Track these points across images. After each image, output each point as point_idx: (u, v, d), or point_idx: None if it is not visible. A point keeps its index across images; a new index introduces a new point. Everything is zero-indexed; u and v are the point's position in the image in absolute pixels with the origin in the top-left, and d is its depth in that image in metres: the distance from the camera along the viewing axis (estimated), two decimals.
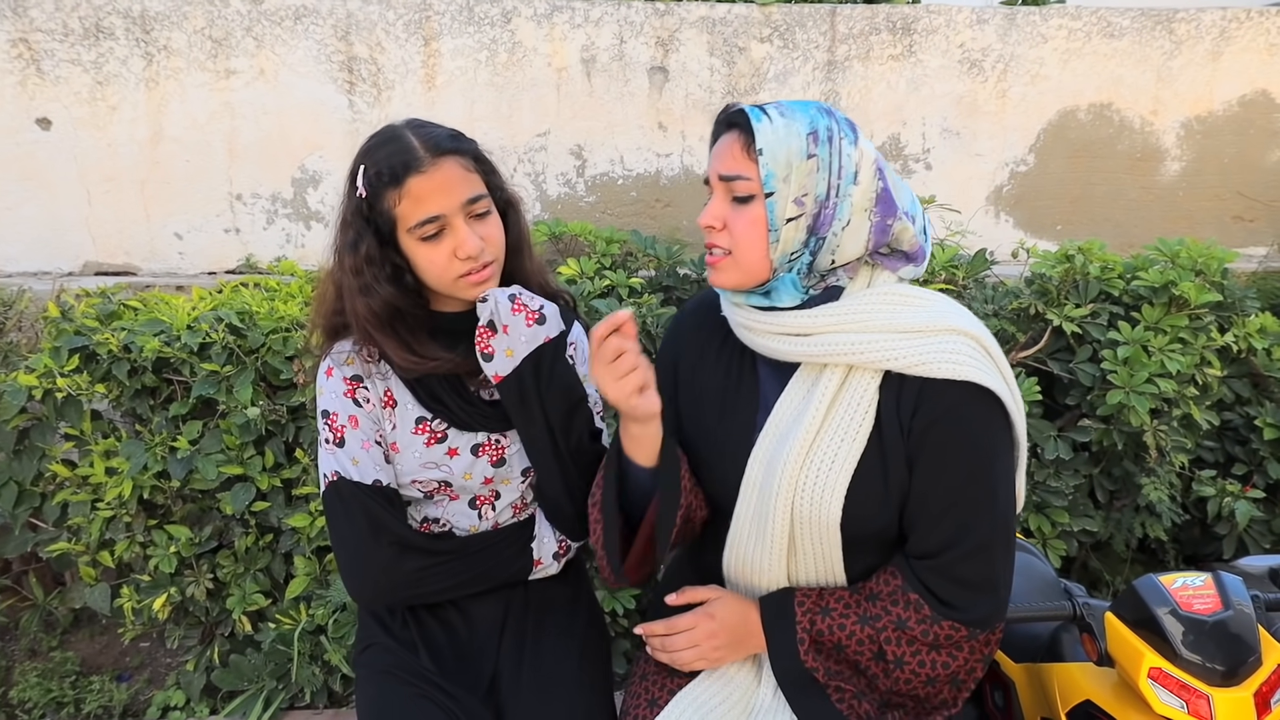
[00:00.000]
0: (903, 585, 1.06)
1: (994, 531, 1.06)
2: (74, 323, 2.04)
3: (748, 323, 1.10)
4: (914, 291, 1.09)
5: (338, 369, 1.18)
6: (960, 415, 1.03)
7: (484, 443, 1.23)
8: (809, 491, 1.06)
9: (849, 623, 1.07)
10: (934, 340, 1.03)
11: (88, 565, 2.09)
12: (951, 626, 1.05)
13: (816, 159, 1.02)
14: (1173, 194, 3.02)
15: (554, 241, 2.70)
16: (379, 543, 1.14)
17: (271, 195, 2.84)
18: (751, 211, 1.04)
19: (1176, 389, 2.14)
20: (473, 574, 1.21)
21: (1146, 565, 2.54)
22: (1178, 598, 1.23)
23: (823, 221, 1.04)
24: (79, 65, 2.70)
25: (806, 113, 1.04)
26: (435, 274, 1.12)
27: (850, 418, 1.05)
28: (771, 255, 1.05)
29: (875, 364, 1.04)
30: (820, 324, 1.05)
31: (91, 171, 2.78)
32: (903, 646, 1.06)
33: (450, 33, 2.76)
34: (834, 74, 2.85)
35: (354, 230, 1.12)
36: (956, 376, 1.01)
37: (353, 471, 1.15)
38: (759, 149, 1.02)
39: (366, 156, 1.13)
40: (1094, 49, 2.88)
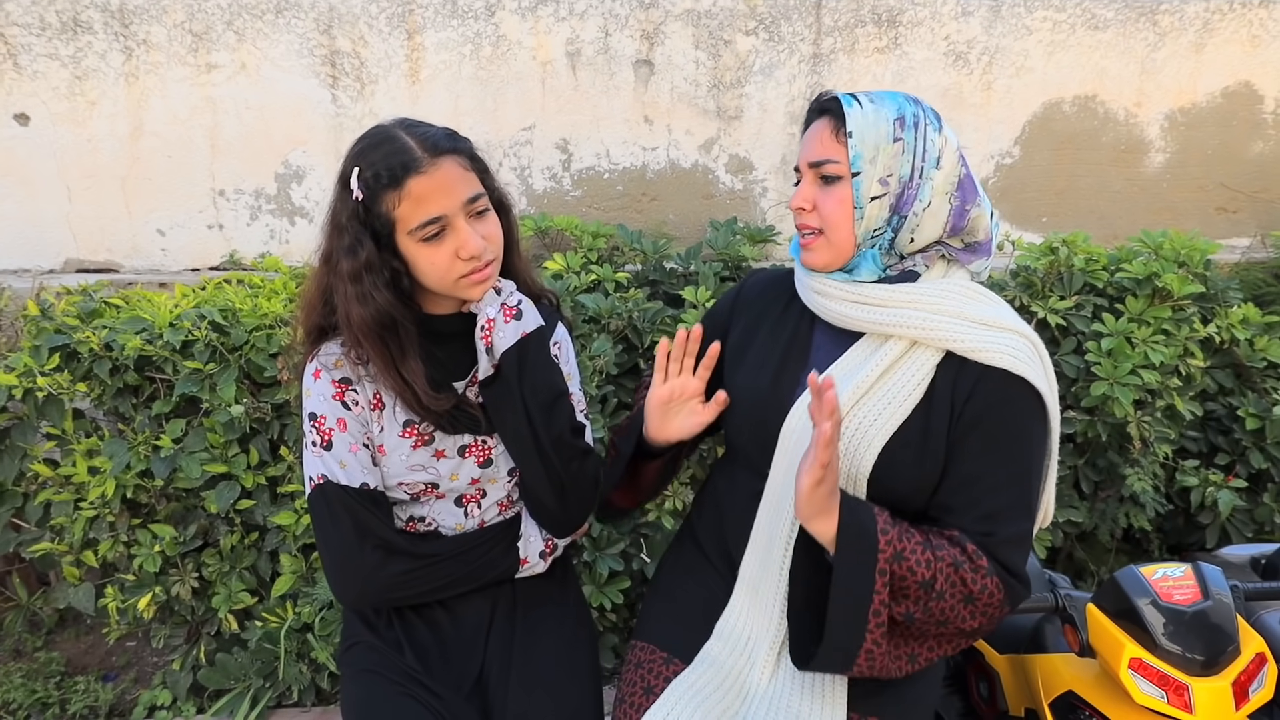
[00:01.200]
0: (962, 536, 1.08)
1: (1025, 527, 1.09)
2: (54, 321, 2.02)
3: (824, 289, 1.16)
4: (985, 291, 1.15)
5: (326, 372, 1.17)
6: (1015, 409, 1.09)
7: (471, 444, 1.22)
8: (847, 439, 1.10)
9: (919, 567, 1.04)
10: (998, 334, 1.09)
11: (71, 565, 2.08)
12: (996, 585, 1.06)
13: (902, 142, 1.09)
14: (1157, 185, 3.03)
15: (540, 236, 2.69)
16: (365, 546, 1.14)
17: (255, 191, 2.82)
18: (839, 191, 1.11)
19: (1160, 380, 2.15)
20: (459, 575, 1.21)
21: (1131, 555, 2.56)
22: (1158, 589, 1.24)
23: (905, 201, 1.10)
24: (57, 60, 2.67)
25: (895, 100, 1.11)
26: (437, 275, 1.11)
27: (902, 386, 1.10)
28: (856, 230, 1.11)
29: (940, 342, 1.09)
30: (897, 298, 1.11)
31: (72, 168, 2.75)
32: (947, 585, 1.05)
33: (434, 26, 2.74)
34: (819, 67, 2.85)
35: (350, 235, 1.10)
36: (1015, 370, 1.07)
37: (340, 475, 1.15)
38: (849, 132, 1.08)
39: (360, 158, 1.10)
40: (1078, 41, 2.88)
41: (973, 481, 1.09)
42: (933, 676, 1.25)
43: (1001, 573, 1.07)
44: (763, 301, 1.29)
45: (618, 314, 2.23)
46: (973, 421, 1.08)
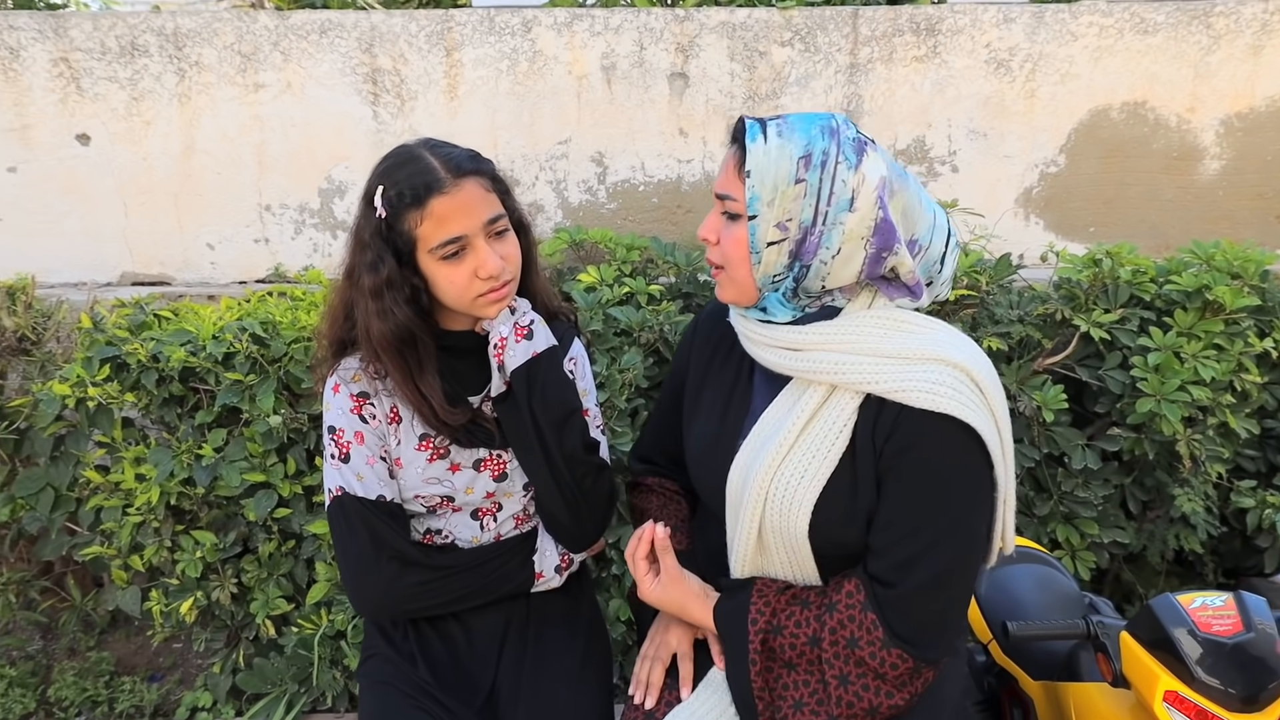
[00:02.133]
0: (863, 603, 1.04)
1: (951, 570, 1.03)
2: (105, 333, 2.11)
3: (747, 332, 1.12)
4: (911, 317, 1.07)
5: (344, 385, 1.20)
6: (931, 447, 1.01)
7: (486, 458, 1.24)
8: (778, 502, 1.06)
9: (799, 643, 1.07)
10: (918, 368, 1.01)
11: (119, 569, 2.16)
12: (899, 656, 1.02)
13: (805, 184, 1.00)
14: (1212, 193, 2.92)
15: (575, 249, 2.71)
16: (380, 557, 1.16)
17: (299, 206, 2.89)
18: (738, 230, 1.05)
19: (1211, 396, 2.07)
20: (474, 588, 1.22)
21: (1183, 579, 2.46)
22: (1196, 618, 1.19)
23: (807, 249, 1.02)
24: (116, 82, 2.79)
25: (807, 134, 1.02)
26: (455, 293, 1.14)
27: (825, 435, 1.04)
28: (754, 275, 1.05)
29: (856, 385, 1.02)
30: (809, 340, 1.05)
31: (128, 185, 2.86)
32: (849, 666, 1.04)
33: (471, 43, 2.79)
34: (856, 77, 2.82)
35: (373, 252, 1.12)
36: (933, 408, 0.99)
37: (357, 487, 1.17)
38: (747, 170, 1.01)
39: (385, 177, 1.13)
40: (1126, 46, 2.80)
41: (887, 526, 1.04)
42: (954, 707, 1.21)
43: (903, 640, 1.02)
44: (713, 341, 1.24)
45: (649, 326, 2.23)
46: (890, 464, 1.02)
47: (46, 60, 2.77)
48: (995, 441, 1.03)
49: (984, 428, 1.00)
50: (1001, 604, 1.64)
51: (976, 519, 1.06)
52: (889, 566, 1.03)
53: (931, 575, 1.02)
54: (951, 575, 1.03)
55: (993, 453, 1.02)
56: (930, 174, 2.90)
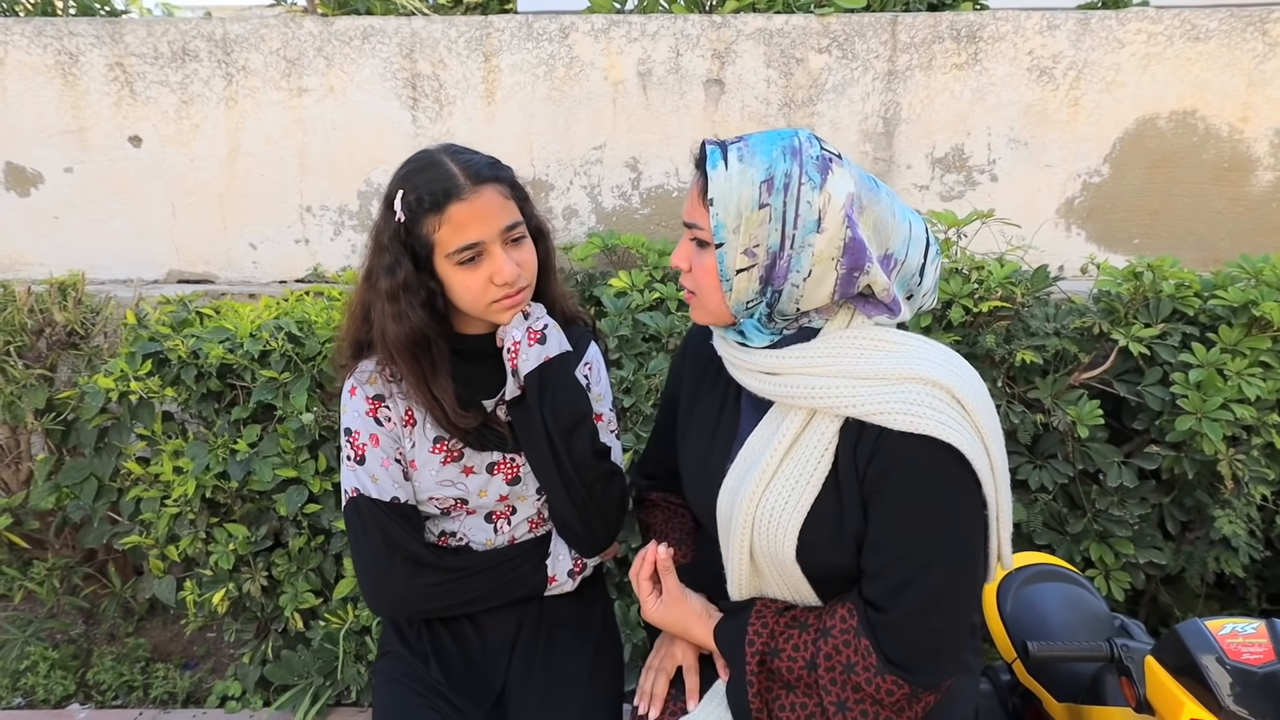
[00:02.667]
0: (856, 628, 1.03)
1: (942, 593, 1.00)
2: (148, 329, 2.17)
3: (728, 357, 1.12)
4: (889, 335, 1.04)
5: (360, 388, 1.22)
6: (913, 469, 0.98)
7: (499, 461, 1.25)
8: (764, 528, 1.05)
9: (796, 666, 1.06)
10: (896, 389, 0.99)
11: (156, 558, 2.22)
12: (894, 683, 1.00)
13: (769, 209, 0.98)
14: (1265, 205, 2.82)
15: (607, 253, 2.72)
16: (395, 558, 1.18)
17: (339, 207, 2.96)
18: (707, 258, 1.04)
19: (1257, 416, 2.00)
20: (487, 590, 1.23)
21: (1224, 603, 2.38)
22: (1225, 645, 1.15)
23: (778, 274, 1.01)
24: (167, 86, 2.88)
25: (768, 156, 1.00)
26: (470, 299, 1.15)
27: (807, 461, 1.03)
28: (727, 302, 1.04)
29: (833, 409, 1.01)
30: (786, 365, 1.04)
31: (176, 185, 2.95)
32: (846, 692, 1.02)
33: (509, 49, 2.82)
34: (894, 84, 2.79)
35: (391, 255, 1.14)
36: (912, 429, 0.96)
37: (371, 489, 1.19)
38: (710, 198, 1.00)
39: (405, 182, 1.15)
40: (1176, 53, 2.72)
41: (876, 550, 1.02)
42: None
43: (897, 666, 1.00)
44: (703, 359, 1.23)
45: (676, 332, 2.24)
46: (874, 487, 1.00)
47: (103, 65, 2.87)
48: (981, 459, 1.00)
49: (967, 446, 0.98)
50: (1027, 622, 1.60)
51: (966, 539, 1.03)
52: (881, 591, 1.02)
53: (923, 599, 1.00)
54: (943, 598, 1.01)
55: (979, 471, 1.00)
56: (969, 183, 2.85)
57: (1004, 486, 1.06)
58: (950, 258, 2.25)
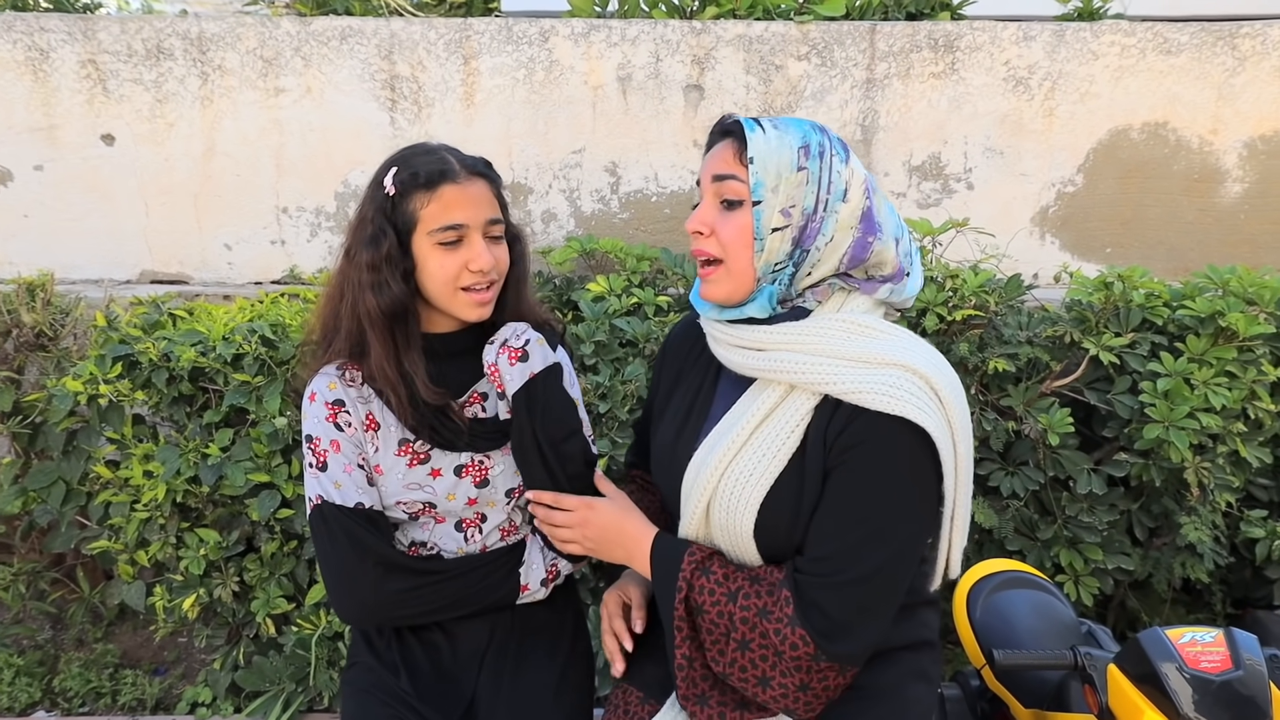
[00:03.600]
0: (780, 581, 1.05)
1: (878, 570, 1.01)
2: (119, 332, 2.15)
3: (714, 333, 1.14)
4: (876, 324, 1.07)
5: (320, 394, 1.21)
6: (881, 446, 1.01)
7: (467, 464, 1.25)
8: (724, 501, 1.07)
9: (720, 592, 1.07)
10: (877, 372, 1.02)
11: (126, 563, 2.19)
12: (801, 638, 1.01)
13: (806, 172, 1.04)
14: (1233, 217, 2.87)
15: (585, 258, 2.72)
16: (364, 564, 1.17)
17: (315, 209, 2.93)
18: (739, 218, 1.06)
19: (1222, 424, 2.03)
20: (459, 596, 1.23)
21: (1190, 607, 2.42)
22: (1184, 653, 1.17)
23: (808, 235, 1.06)
24: (141, 84, 2.85)
25: (800, 128, 1.07)
26: (442, 280, 1.17)
27: (776, 435, 1.05)
28: (756, 263, 1.06)
29: (813, 386, 1.03)
30: (773, 340, 1.07)
31: (150, 185, 2.91)
32: (754, 634, 1.03)
33: (489, 51, 2.81)
34: (872, 92, 2.81)
35: (374, 226, 1.16)
36: (889, 410, 0.99)
37: (335, 495, 1.18)
38: (750, 157, 1.04)
39: (400, 161, 1.19)
40: (1149, 66, 2.76)
41: (824, 516, 1.03)
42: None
43: (811, 624, 1.01)
44: (682, 351, 1.26)
45: (653, 338, 2.24)
46: (837, 459, 1.02)
47: (75, 61, 2.83)
48: (949, 451, 1.02)
49: (938, 434, 1.00)
50: (996, 629, 1.62)
51: (915, 527, 1.04)
52: (810, 558, 1.03)
53: (850, 576, 1.01)
54: (875, 578, 1.01)
55: (944, 461, 1.02)
56: (945, 191, 2.88)
57: (965, 490, 1.07)
58: (925, 266, 2.27)
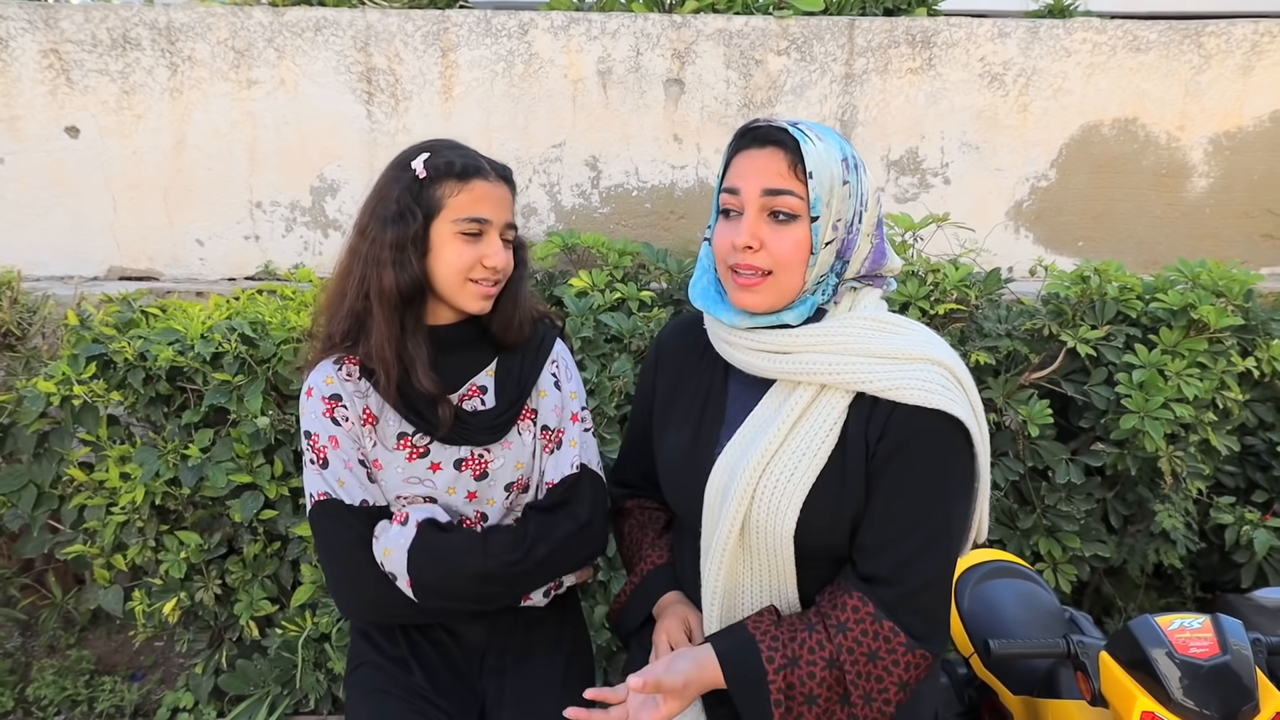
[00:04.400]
0: (874, 613, 1.03)
1: (945, 562, 1.06)
2: (92, 331, 2.09)
3: (729, 338, 1.13)
4: (893, 319, 1.10)
5: (317, 389, 1.21)
6: (927, 443, 1.04)
7: (466, 457, 1.25)
8: (765, 502, 1.06)
9: (818, 670, 1.03)
10: (909, 367, 1.04)
11: (102, 568, 2.14)
12: (922, 655, 1.04)
13: (849, 185, 1.06)
14: (1199, 211, 2.95)
15: (567, 253, 2.71)
16: (369, 562, 1.16)
17: (290, 203, 2.88)
18: (795, 232, 1.05)
19: (1194, 414, 2.09)
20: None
21: (1162, 592, 2.49)
22: (1174, 640, 1.20)
23: (849, 246, 1.09)
24: (107, 75, 2.77)
25: (835, 138, 1.08)
26: (455, 269, 1.19)
27: (814, 434, 1.06)
28: (807, 277, 1.07)
29: (848, 385, 1.05)
30: (800, 343, 1.07)
31: (117, 179, 2.84)
32: (871, 683, 1.03)
33: (468, 44, 2.78)
34: (851, 87, 2.83)
35: (400, 205, 1.17)
36: (926, 404, 1.02)
37: (340, 492, 1.18)
38: (809, 171, 1.03)
39: (431, 150, 1.21)
40: (1119, 63, 2.82)
41: (886, 522, 1.05)
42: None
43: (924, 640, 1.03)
44: (680, 354, 1.25)
45: (640, 334, 2.24)
46: (886, 459, 1.04)
47: (36, 51, 2.74)
48: (978, 435, 1.07)
49: (968, 421, 1.05)
50: (984, 618, 1.65)
51: (965, 511, 1.11)
52: (891, 565, 1.04)
53: (934, 570, 1.04)
54: (949, 569, 1.06)
55: (975, 443, 1.07)
56: (923, 185, 2.92)
57: (987, 464, 1.12)
58: (907, 260, 2.29)
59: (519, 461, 1.28)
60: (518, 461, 1.28)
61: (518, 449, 1.27)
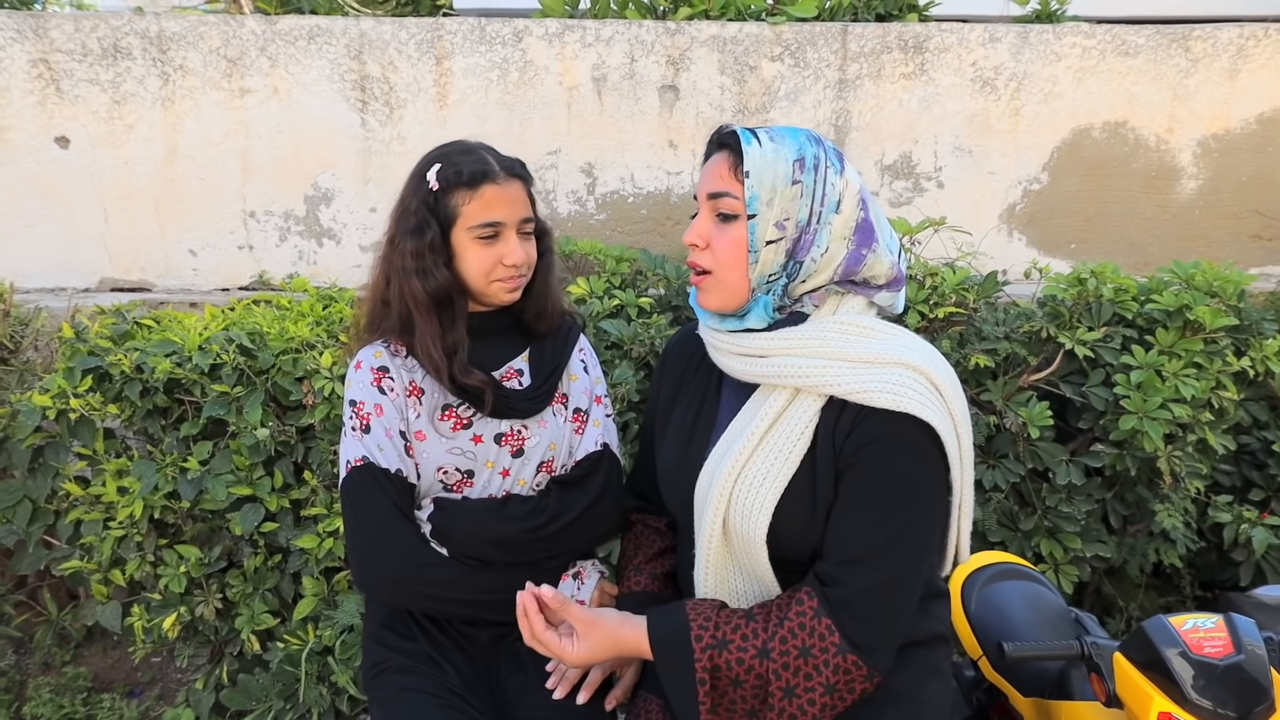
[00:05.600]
0: (816, 609, 1.03)
1: (901, 570, 1.03)
2: (88, 343, 2.07)
3: (714, 341, 1.15)
4: (874, 324, 1.10)
5: (366, 362, 1.28)
6: (891, 444, 1.03)
7: (507, 432, 1.32)
8: (739, 507, 1.07)
9: (747, 657, 1.03)
10: (880, 371, 1.04)
11: (99, 583, 2.11)
12: (854, 663, 1.01)
13: (801, 185, 1.05)
14: (1189, 212, 2.98)
15: (564, 260, 2.70)
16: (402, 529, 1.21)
17: (284, 213, 2.86)
18: (734, 232, 1.07)
19: (1191, 414, 2.11)
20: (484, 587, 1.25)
21: (1161, 591, 2.51)
22: (1188, 640, 1.21)
23: (802, 246, 1.07)
24: (97, 85, 2.74)
25: (796, 140, 1.07)
26: (479, 270, 1.26)
27: (787, 439, 1.06)
28: (750, 275, 1.07)
29: (818, 388, 1.05)
30: (775, 346, 1.08)
31: (108, 189, 2.81)
32: (797, 678, 1.01)
33: (462, 51, 2.77)
34: (845, 92, 2.84)
35: (418, 218, 1.24)
36: (895, 407, 1.01)
37: (379, 457, 1.22)
38: (746, 171, 1.05)
39: (443, 159, 1.27)
40: (1108, 67, 2.85)
41: (839, 522, 1.04)
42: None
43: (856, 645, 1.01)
44: (681, 363, 1.28)
45: (640, 340, 2.24)
46: (849, 460, 1.04)
47: (25, 61, 2.71)
48: (953, 444, 1.05)
49: (942, 428, 1.03)
50: (992, 621, 1.66)
51: (930, 521, 1.07)
52: (837, 563, 1.03)
53: (883, 575, 1.01)
54: (901, 576, 1.03)
55: (950, 454, 1.05)
56: (916, 189, 2.93)
57: (969, 478, 1.11)
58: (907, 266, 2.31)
59: (552, 442, 1.35)
60: (551, 442, 1.35)
61: (553, 429, 1.36)
